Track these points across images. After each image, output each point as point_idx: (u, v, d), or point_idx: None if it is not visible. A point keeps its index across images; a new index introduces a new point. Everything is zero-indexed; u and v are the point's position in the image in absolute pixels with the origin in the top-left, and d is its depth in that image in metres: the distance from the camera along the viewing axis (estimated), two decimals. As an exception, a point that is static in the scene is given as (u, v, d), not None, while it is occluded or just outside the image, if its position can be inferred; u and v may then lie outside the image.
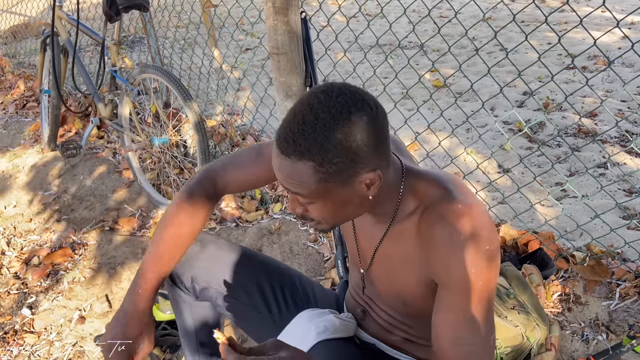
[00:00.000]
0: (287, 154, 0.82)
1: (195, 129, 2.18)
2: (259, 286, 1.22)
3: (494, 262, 0.88)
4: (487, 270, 0.87)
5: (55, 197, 2.65)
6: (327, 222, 0.91)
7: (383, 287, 1.06)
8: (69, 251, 2.21)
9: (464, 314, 0.88)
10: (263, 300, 1.22)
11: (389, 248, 0.99)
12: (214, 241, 1.25)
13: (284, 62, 1.86)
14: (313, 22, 5.48)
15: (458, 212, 0.88)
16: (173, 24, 4.74)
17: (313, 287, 1.29)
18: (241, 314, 1.23)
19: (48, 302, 2.00)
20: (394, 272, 1.00)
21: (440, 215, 0.89)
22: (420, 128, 2.82)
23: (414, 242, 0.94)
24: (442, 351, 0.90)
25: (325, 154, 0.80)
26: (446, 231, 0.87)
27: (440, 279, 0.91)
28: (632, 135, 2.67)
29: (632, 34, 4.17)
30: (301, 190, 0.84)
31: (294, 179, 0.83)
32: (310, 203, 0.88)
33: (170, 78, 2.19)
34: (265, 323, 1.22)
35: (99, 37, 2.49)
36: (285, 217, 2.25)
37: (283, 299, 1.23)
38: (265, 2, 1.78)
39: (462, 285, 0.87)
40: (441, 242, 0.88)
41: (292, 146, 0.81)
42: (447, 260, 0.87)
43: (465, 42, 4.41)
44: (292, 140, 0.81)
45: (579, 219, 2.04)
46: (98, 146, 3.04)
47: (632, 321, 1.52)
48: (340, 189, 0.85)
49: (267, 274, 1.25)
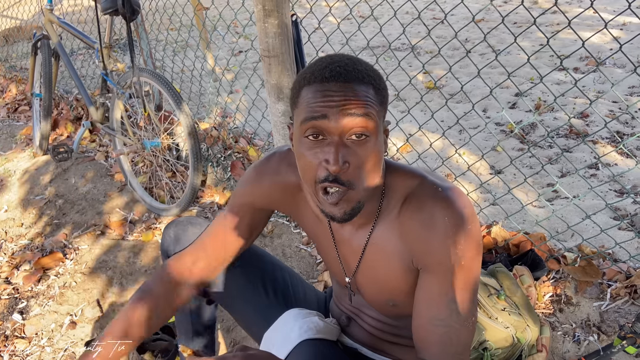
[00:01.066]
0: (349, 80, 0.81)
1: (187, 132, 2.18)
2: (251, 279, 1.22)
3: (477, 242, 0.88)
4: (470, 250, 0.87)
5: (47, 201, 2.64)
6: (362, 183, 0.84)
7: (371, 294, 1.05)
8: (60, 256, 2.20)
9: (446, 296, 0.88)
10: (254, 293, 1.21)
11: (374, 253, 0.98)
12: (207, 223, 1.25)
13: (275, 65, 1.86)
14: (305, 23, 5.48)
15: (437, 195, 0.88)
16: (165, 26, 4.73)
17: (304, 286, 1.29)
18: (231, 301, 1.23)
19: (39, 307, 1.99)
20: (381, 276, 0.99)
21: (420, 201, 0.89)
22: (413, 130, 2.83)
23: (396, 238, 0.94)
24: (420, 328, 0.91)
25: (378, 81, 0.84)
26: (426, 214, 0.88)
27: (423, 262, 0.90)
28: (623, 135, 2.68)
29: (623, 34, 4.19)
30: (369, 111, 0.81)
31: (362, 98, 0.80)
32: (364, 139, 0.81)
33: (161, 81, 2.19)
34: (254, 315, 1.21)
35: (90, 40, 2.48)
36: (278, 219, 2.24)
37: (273, 293, 1.22)
38: (256, 5, 1.77)
39: (445, 265, 0.87)
40: (422, 225, 0.88)
41: (351, 73, 0.81)
42: (429, 241, 0.87)
43: (458, 43, 4.42)
44: (347, 69, 0.81)
45: (570, 220, 2.05)
46: (90, 149, 3.02)
47: (622, 322, 1.52)
48: (381, 124, 0.86)
49: (259, 265, 1.24)
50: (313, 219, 1.05)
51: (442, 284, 0.88)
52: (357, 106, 0.80)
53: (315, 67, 0.84)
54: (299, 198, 1.05)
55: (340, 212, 0.85)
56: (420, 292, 0.92)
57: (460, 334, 0.89)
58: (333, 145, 0.81)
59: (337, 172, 0.81)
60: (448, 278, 0.87)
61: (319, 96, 0.81)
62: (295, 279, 1.29)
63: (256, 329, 1.20)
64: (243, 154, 2.64)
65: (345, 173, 0.82)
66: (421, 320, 0.90)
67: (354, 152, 0.82)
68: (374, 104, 0.82)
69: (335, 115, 0.79)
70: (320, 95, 0.81)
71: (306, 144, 0.84)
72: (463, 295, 0.88)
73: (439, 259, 0.87)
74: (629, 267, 1.68)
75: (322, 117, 0.80)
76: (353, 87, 0.80)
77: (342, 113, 0.79)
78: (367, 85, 0.82)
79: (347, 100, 0.80)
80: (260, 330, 1.17)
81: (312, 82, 0.82)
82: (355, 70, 0.82)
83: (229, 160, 2.60)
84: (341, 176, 0.82)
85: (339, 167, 0.80)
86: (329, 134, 0.81)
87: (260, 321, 1.19)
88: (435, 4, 1.63)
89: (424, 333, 0.90)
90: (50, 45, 2.84)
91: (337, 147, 0.80)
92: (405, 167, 0.96)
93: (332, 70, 0.81)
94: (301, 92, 0.84)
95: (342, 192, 0.83)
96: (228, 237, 1.11)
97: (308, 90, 0.82)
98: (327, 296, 1.34)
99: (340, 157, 0.80)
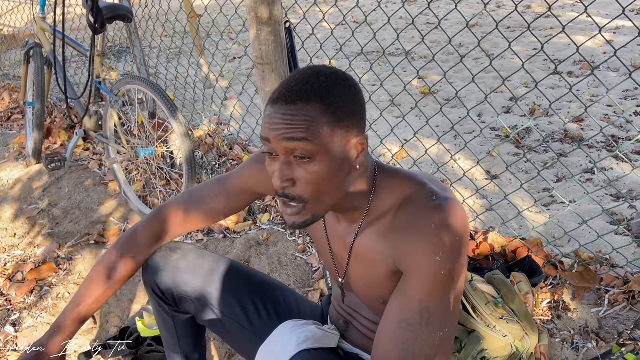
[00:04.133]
0: (292, 101, 0.83)
1: (181, 140, 2.16)
2: (241, 298, 1.21)
3: (461, 257, 0.88)
4: (452, 261, 0.86)
5: (40, 211, 2.62)
6: (313, 198, 0.87)
7: (361, 290, 1.05)
8: (53, 266, 2.18)
9: (420, 303, 0.87)
10: (244, 312, 1.20)
11: (361, 250, 0.99)
12: (194, 250, 1.24)
13: (269, 72, 1.85)
14: (300, 29, 5.48)
15: (431, 202, 0.88)
16: (158, 34, 4.72)
17: (297, 300, 1.27)
18: (223, 325, 1.22)
19: (32, 319, 1.96)
20: (368, 273, 1.00)
21: (413, 205, 0.90)
22: (408, 135, 2.82)
23: (383, 238, 0.95)
24: (385, 331, 0.90)
25: (332, 96, 0.85)
26: (415, 217, 0.88)
27: (404, 264, 0.90)
28: (618, 139, 2.68)
29: (616, 38, 4.21)
30: (308, 135, 0.83)
31: (302, 121, 0.83)
32: (307, 161, 0.84)
33: (154, 89, 2.17)
34: (247, 335, 1.20)
35: (82, 49, 2.46)
36: (273, 227, 2.23)
37: (265, 311, 1.21)
38: (249, 12, 1.77)
39: (424, 271, 0.86)
40: (409, 228, 0.88)
41: (298, 93, 0.84)
42: (413, 244, 0.87)
43: (452, 48, 4.42)
44: (298, 89, 0.84)
45: (567, 225, 2.04)
46: (84, 158, 3.00)
47: (621, 328, 1.51)
48: (340, 140, 0.86)
49: (249, 286, 1.23)
50: None
51: (418, 290, 0.87)
52: (294, 131, 0.83)
53: (280, 84, 0.88)
54: None
55: (291, 221, 0.90)
56: (395, 294, 0.91)
57: (425, 345, 0.88)
58: (280, 163, 0.86)
59: (282, 189, 0.86)
60: (426, 285, 0.87)
61: (266, 120, 0.86)
62: (287, 293, 1.28)
63: (251, 349, 1.19)
64: (238, 161, 2.63)
65: (292, 189, 0.87)
66: (390, 322, 0.90)
67: (299, 171, 0.86)
68: (318, 125, 0.83)
69: (275, 139, 0.84)
70: (267, 120, 0.86)
71: (266, 159, 0.90)
72: (438, 306, 0.87)
73: (419, 262, 0.87)
74: (627, 273, 1.67)
75: (267, 141, 0.86)
76: (297, 109, 0.83)
77: (280, 137, 0.84)
78: (315, 103, 0.84)
79: (287, 125, 0.83)
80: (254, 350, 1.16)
81: (269, 103, 0.87)
82: (302, 91, 0.84)
83: (223, 168, 2.59)
84: (288, 192, 0.87)
85: (281, 184, 0.86)
86: (275, 152, 0.87)
87: (254, 341, 1.18)
88: (429, 10, 1.63)
89: (389, 336, 0.89)
90: (42, 53, 2.82)
91: (281, 166, 0.86)
92: (406, 172, 0.97)
93: (281, 92, 0.85)
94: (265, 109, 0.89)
95: (296, 206, 0.88)
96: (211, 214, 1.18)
97: (266, 109, 0.88)
98: (324, 305, 1.33)
99: (281, 176, 0.86)
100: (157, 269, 1.20)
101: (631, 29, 4.33)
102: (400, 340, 0.88)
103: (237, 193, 1.16)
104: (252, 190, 1.16)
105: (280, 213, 2.27)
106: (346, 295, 1.13)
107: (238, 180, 1.16)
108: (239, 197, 1.17)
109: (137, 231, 1.19)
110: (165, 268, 1.20)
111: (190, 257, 1.22)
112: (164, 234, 1.20)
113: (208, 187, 1.19)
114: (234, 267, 1.24)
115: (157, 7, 2.98)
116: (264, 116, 0.87)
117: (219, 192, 1.17)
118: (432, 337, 0.88)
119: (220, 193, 1.17)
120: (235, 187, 1.16)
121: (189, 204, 1.19)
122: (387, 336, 0.89)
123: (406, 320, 0.88)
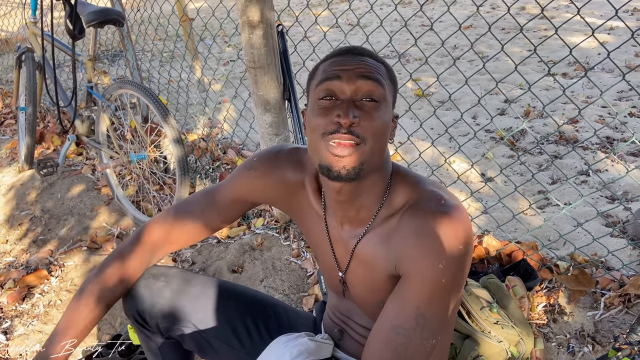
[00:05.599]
0: (362, 54, 0.90)
1: (173, 144, 2.14)
2: (230, 319, 1.18)
3: (463, 266, 0.87)
4: (454, 270, 0.85)
5: (32, 217, 2.59)
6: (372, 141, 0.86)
7: (360, 295, 1.03)
8: (45, 273, 2.15)
9: (417, 308, 0.86)
10: (234, 333, 1.17)
11: (363, 251, 0.98)
12: (179, 275, 1.18)
13: (261, 76, 1.84)
14: (295, 32, 5.47)
15: (439, 209, 0.87)
16: (150, 38, 4.70)
17: (288, 313, 1.25)
18: (212, 350, 1.18)
19: (23, 326, 1.94)
20: (368, 276, 0.98)
21: (420, 210, 0.89)
22: (403, 138, 2.81)
23: (385, 241, 0.93)
24: (380, 332, 0.89)
25: (388, 66, 0.94)
26: (421, 222, 0.87)
27: (404, 268, 0.89)
28: (613, 141, 2.68)
29: (611, 38, 4.21)
30: (381, 79, 0.88)
31: (376, 67, 0.89)
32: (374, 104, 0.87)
33: (146, 93, 2.15)
34: (239, 356, 1.18)
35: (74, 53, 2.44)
36: (267, 232, 2.21)
37: (256, 330, 1.19)
38: (240, 16, 1.75)
39: (424, 276, 0.85)
40: (413, 232, 0.87)
41: (365, 51, 0.91)
42: (415, 248, 0.86)
43: (447, 50, 4.42)
44: (362, 49, 0.91)
45: (562, 228, 2.03)
46: (77, 163, 2.98)
47: (617, 332, 1.50)
48: (391, 105, 0.91)
49: (238, 306, 1.20)
50: (313, 216, 1.06)
51: (416, 295, 0.86)
52: (369, 71, 0.87)
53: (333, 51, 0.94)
54: (301, 196, 1.07)
55: (340, 165, 0.85)
56: (393, 297, 0.90)
57: (417, 351, 0.87)
58: (345, 102, 0.86)
59: (348, 125, 0.84)
60: (424, 291, 0.85)
61: (334, 64, 0.89)
62: (277, 307, 1.25)
63: None
64: (232, 165, 2.61)
65: (356, 126, 0.85)
66: (384, 324, 0.89)
67: (364, 112, 0.86)
68: (384, 77, 0.90)
69: (348, 76, 0.86)
70: (335, 64, 0.89)
71: (319, 106, 0.88)
72: (434, 313, 0.86)
73: (419, 267, 0.85)
74: (622, 276, 1.66)
75: (336, 78, 0.87)
76: (367, 59, 0.89)
77: (354, 74, 0.86)
78: (379, 63, 0.91)
79: (360, 65, 0.88)
80: None
81: (329, 58, 0.92)
82: (369, 51, 0.92)
83: (217, 172, 2.57)
84: (352, 128, 0.85)
85: (349, 119, 0.84)
86: (342, 93, 0.87)
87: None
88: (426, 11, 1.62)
89: (382, 338, 0.88)
90: (34, 58, 2.80)
91: (349, 104, 0.86)
92: (418, 177, 0.96)
93: (348, 48, 0.91)
94: (319, 67, 0.93)
95: (353, 148, 0.85)
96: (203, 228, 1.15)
97: (325, 64, 0.91)
98: (317, 312, 1.31)
99: (350, 112, 0.84)
100: (139, 299, 1.14)
101: (626, 29, 4.33)
102: (393, 343, 0.87)
103: (229, 204, 1.13)
104: (245, 200, 1.13)
105: (274, 217, 2.25)
106: (343, 301, 1.11)
107: (229, 190, 1.13)
108: (231, 208, 1.13)
109: (123, 253, 1.13)
110: (149, 298, 1.14)
111: (175, 283, 1.16)
112: (150, 256, 1.15)
113: (197, 201, 1.14)
114: (222, 287, 1.20)
115: (149, 10, 2.96)
116: (326, 66, 0.90)
117: (209, 204, 1.13)
118: (424, 343, 0.87)
119: (211, 205, 1.13)
120: (227, 198, 1.12)
121: (176, 220, 1.14)
122: (379, 338, 0.88)
123: (401, 325, 0.87)
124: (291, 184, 1.07)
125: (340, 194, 0.93)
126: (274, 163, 1.09)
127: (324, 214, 1.04)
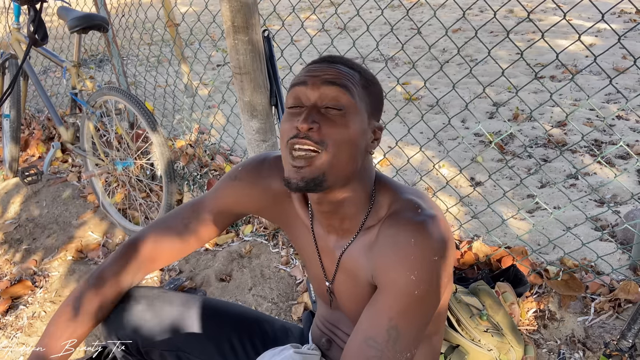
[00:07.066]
0: (334, 62, 0.89)
1: (159, 152, 2.11)
2: (214, 338, 1.15)
3: (438, 277, 0.84)
4: (428, 282, 0.83)
5: (17, 226, 2.55)
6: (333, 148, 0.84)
7: (347, 305, 1.02)
8: (29, 284, 2.11)
9: (389, 320, 0.84)
10: (219, 352, 1.14)
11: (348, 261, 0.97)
12: (160, 296, 1.14)
13: (247, 82, 1.81)
14: (283, 36, 5.45)
15: (415, 218, 0.86)
16: (136, 43, 4.66)
17: (274, 327, 1.23)
18: None
19: (7, 339, 1.90)
20: (352, 286, 0.97)
21: (397, 220, 0.88)
22: (392, 143, 2.79)
23: (365, 252, 0.92)
24: (353, 343, 0.87)
25: (366, 74, 0.91)
26: (396, 232, 0.86)
27: (379, 279, 0.87)
28: (602, 144, 2.68)
29: (598, 41, 4.23)
30: (347, 85, 0.86)
31: (343, 74, 0.87)
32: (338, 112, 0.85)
33: (131, 100, 2.12)
34: None
35: (58, 59, 2.41)
36: (256, 239, 2.18)
37: (241, 347, 1.16)
38: (225, 22, 1.73)
39: (396, 288, 0.83)
40: (388, 243, 0.86)
41: (340, 59, 0.90)
42: (390, 259, 0.85)
43: (436, 53, 4.42)
44: (339, 58, 0.90)
45: (551, 232, 2.02)
46: (62, 170, 2.94)
47: (608, 338, 1.49)
48: (366, 112, 0.89)
49: (223, 324, 1.17)
50: (301, 226, 1.04)
51: (389, 307, 0.84)
52: (335, 77, 0.86)
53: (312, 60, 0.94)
54: (288, 206, 1.05)
55: (298, 176, 0.84)
56: (367, 308, 0.89)
57: None
58: (307, 108, 0.85)
59: (305, 130, 0.83)
60: (397, 303, 0.84)
61: (305, 71, 0.89)
62: (262, 322, 1.23)
63: None
64: (220, 171, 2.59)
65: (314, 132, 0.83)
66: (357, 336, 0.87)
67: (327, 119, 0.84)
68: (354, 84, 0.87)
69: (313, 82, 0.86)
70: (305, 71, 0.89)
71: (287, 115, 0.88)
72: (408, 326, 0.84)
73: (393, 278, 0.84)
74: (612, 280, 1.65)
75: (302, 84, 0.87)
76: (339, 66, 0.88)
77: (319, 80, 0.85)
78: (355, 70, 0.89)
79: (328, 72, 0.86)
80: None
81: (308, 64, 0.92)
82: (344, 59, 0.91)
83: (205, 179, 2.54)
84: (310, 134, 0.83)
85: (307, 124, 0.83)
86: (307, 100, 0.86)
87: None
88: (414, 15, 1.61)
89: (355, 350, 0.86)
90: (18, 64, 2.76)
91: (309, 110, 0.85)
92: (399, 187, 0.95)
93: (325, 57, 0.91)
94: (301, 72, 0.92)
95: (308, 157, 0.83)
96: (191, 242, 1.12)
97: (303, 69, 0.91)
98: (304, 321, 1.29)
99: (309, 117, 0.83)
100: (119, 324, 1.10)
101: (612, 32, 4.35)
102: (365, 356, 0.85)
103: (215, 216, 1.10)
104: (231, 211, 1.11)
105: (263, 224, 2.23)
106: (331, 311, 1.10)
107: (215, 202, 1.10)
108: (216, 220, 1.10)
109: (104, 274, 1.09)
110: (129, 323, 1.10)
111: (157, 305, 1.12)
112: (133, 276, 1.11)
113: (181, 214, 1.11)
114: (205, 306, 1.17)
115: (134, 16, 2.92)
116: (300, 72, 0.90)
117: (194, 217, 1.10)
118: (398, 356, 0.85)
119: (196, 219, 1.10)
120: (213, 210, 1.10)
121: (163, 236, 1.10)
122: (353, 350, 0.87)
123: (373, 337, 0.85)
124: (277, 194, 1.06)
125: (320, 204, 0.92)
126: (259, 172, 1.07)
127: (311, 223, 1.02)
